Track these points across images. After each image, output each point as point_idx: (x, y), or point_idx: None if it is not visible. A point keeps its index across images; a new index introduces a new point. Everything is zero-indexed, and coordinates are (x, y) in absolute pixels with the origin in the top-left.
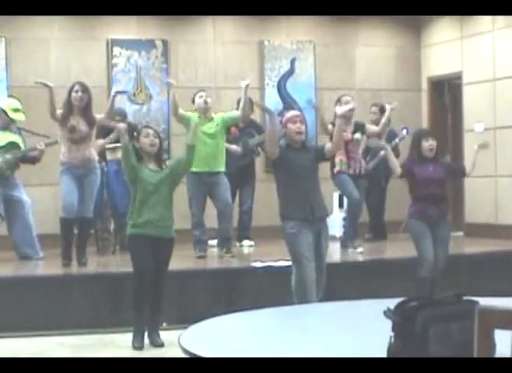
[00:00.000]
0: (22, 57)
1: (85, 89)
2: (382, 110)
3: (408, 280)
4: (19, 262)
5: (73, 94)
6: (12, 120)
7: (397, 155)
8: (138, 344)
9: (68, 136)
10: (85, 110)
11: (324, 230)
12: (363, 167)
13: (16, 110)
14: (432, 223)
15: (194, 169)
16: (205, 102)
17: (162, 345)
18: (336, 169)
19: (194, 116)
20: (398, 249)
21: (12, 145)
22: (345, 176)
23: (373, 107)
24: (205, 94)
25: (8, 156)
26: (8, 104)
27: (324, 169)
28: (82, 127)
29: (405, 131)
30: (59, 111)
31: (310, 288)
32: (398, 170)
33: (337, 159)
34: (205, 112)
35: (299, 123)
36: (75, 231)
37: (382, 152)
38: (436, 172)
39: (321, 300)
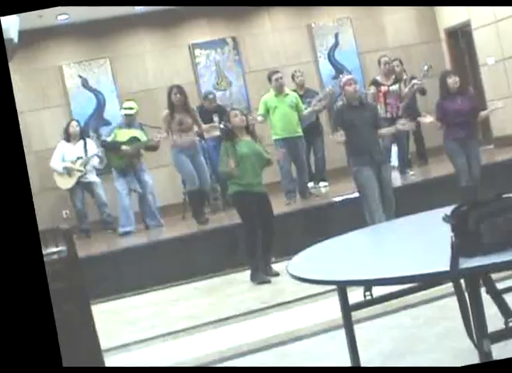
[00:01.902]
0: (125, 70)
1: (181, 91)
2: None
3: (454, 191)
4: (150, 230)
5: (172, 96)
6: (125, 116)
7: (424, 92)
8: (261, 279)
9: (177, 128)
10: (186, 106)
11: (384, 167)
12: (400, 109)
13: (125, 108)
14: (463, 143)
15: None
16: (281, 85)
17: (277, 274)
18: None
19: (269, 96)
20: (441, 168)
21: (134, 139)
22: (382, 124)
23: (395, 61)
24: (280, 75)
25: (129, 149)
26: (124, 105)
27: None
28: (187, 119)
29: (426, 67)
30: (163, 114)
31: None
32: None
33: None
34: (281, 90)
35: (353, 84)
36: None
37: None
38: (463, 104)
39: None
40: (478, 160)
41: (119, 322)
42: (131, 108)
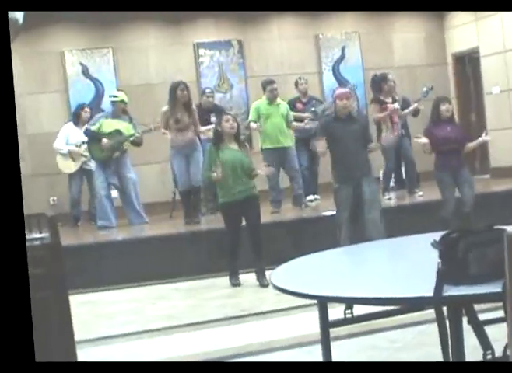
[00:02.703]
0: (127, 63)
1: (187, 88)
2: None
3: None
4: (135, 226)
5: (179, 92)
6: (112, 104)
7: (416, 114)
8: (234, 281)
9: (174, 126)
10: (187, 104)
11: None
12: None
13: (111, 96)
14: (454, 172)
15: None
16: (275, 96)
17: (267, 285)
18: (383, 134)
19: (262, 103)
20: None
21: (116, 132)
22: (388, 144)
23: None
24: (275, 86)
25: (108, 143)
26: (112, 94)
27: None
28: (184, 117)
29: (425, 89)
30: (163, 110)
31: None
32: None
33: (383, 126)
34: (274, 100)
35: (345, 100)
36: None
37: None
38: (453, 131)
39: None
40: (472, 188)
41: (96, 315)
42: (117, 97)
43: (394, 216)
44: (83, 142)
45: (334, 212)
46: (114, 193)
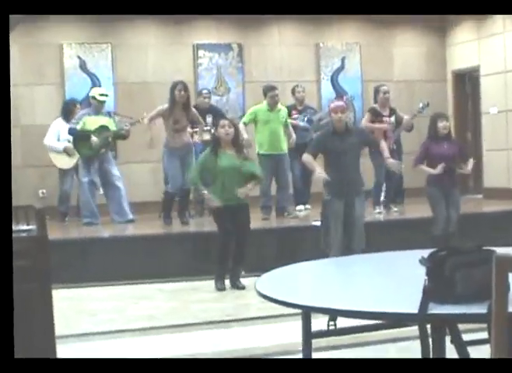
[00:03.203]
0: (125, 59)
1: (186, 88)
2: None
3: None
4: (123, 224)
5: (176, 92)
6: (100, 102)
7: (410, 129)
8: (220, 286)
9: (171, 126)
10: (186, 105)
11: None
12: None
13: (102, 95)
14: (445, 189)
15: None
16: (275, 102)
17: (243, 288)
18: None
19: (261, 109)
20: (419, 210)
21: (103, 128)
22: (378, 155)
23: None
24: (276, 92)
25: (99, 138)
26: (96, 91)
27: None
28: (183, 118)
29: (421, 104)
30: (154, 113)
31: None
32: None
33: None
34: (274, 106)
35: (340, 113)
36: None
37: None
38: (449, 149)
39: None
40: (458, 208)
41: (78, 311)
42: (107, 95)
43: (383, 230)
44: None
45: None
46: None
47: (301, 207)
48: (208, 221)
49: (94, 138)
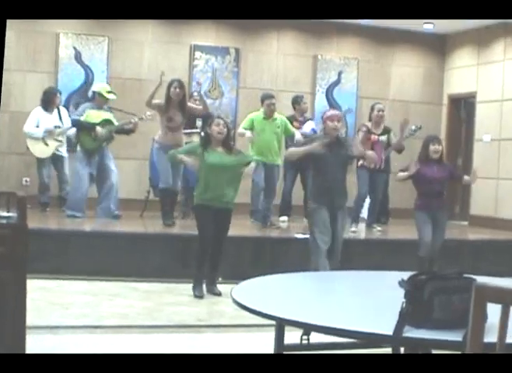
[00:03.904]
0: (121, 54)
1: (181, 86)
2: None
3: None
4: (106, 220)
5: (172, 89)
6: (107, 100)
7: (401, 150)
8: (198, 293)
9: (165, 124)
10: (181, 103)
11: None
12: (383, 162)
13: (109, 92)
14: (433, 213)
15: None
16: (272, 111)
17: (219, 294)
18: (360, 162)
19: (257, 117)
20: (402, 231)
21: (106, 122)
22: (364, 172)
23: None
24: (274, 101)
25: (103, 131)
26: (102, 87)
27: None
28: (177, 117)
29: (413, 127)
30: (156, 101)
31: None
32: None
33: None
34: (271, 115)
35: (336, 121)
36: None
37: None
38: (439, 172)
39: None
40: (443, 233)
41: (51, 303)
42: (115, 93)
43: (365, 249)
44: (55, 127)
45: (307, 235)
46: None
47: (285, 218)
48: (191, 224)
49: (99, 129)
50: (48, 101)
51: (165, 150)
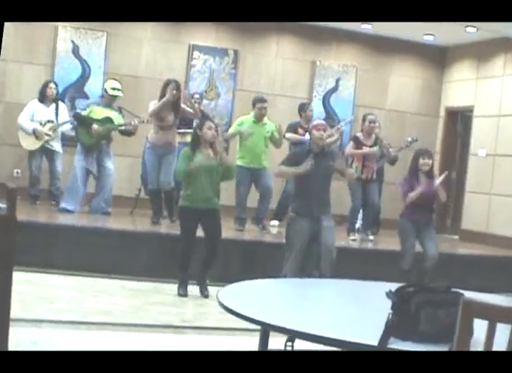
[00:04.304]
0: (119, 50)
1: (178, 87)
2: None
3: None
4: (96, 216)
5: (168, 90)
6: (112, 97)
7: (394, 162)
8: (182, 292)
9: (157, 123)
10: (175, 104)
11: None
12: (375, 172)
13: (114, 89)
14: (419, 225)
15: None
16: (262, 115)
17: (207, 296)
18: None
19: (247, 120)
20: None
21: (107, 120)
22: (358, 183)
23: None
24: (265, 105)
25: (100, 129)
26: (108, 84)
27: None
28: (170, 117)
29: (410, 139)
30: (153, 103)
31: None
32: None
33: (353, 165)
34: (261, 119)
35: (322, 131)
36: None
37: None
38: (429, 186)
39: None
40: (435, 245)
41: (36, 297)
42: (119, 90)
43: (354, 258)
44: (48, 121)
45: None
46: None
47: (275, 222)
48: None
49: (95, 126)
50: (42, 93)
51: (155, 150)
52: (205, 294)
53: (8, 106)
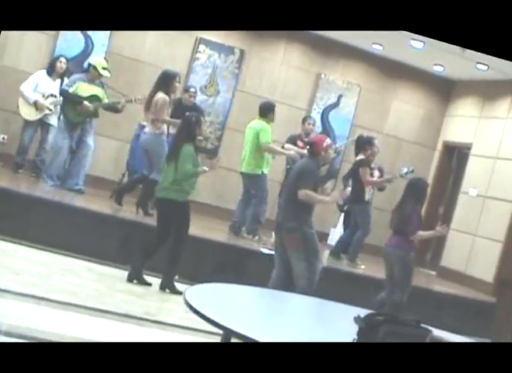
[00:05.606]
0: (124, 33)
1: (179, 82)
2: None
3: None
4: (75, 194)
5: (176, 84)
6: (100, 76)
7: (382, 189)
8: (129, 279)
9: (149, 115)
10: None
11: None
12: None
13: (104, 68)
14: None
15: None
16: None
17: (180, 293)
18: (367, 197)
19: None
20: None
21: (94, 97)
22: (371, 207)
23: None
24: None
25: (90, 106)
26: (99, 62)
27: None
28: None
29: (405, 170)
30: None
31: None
32: None
33: (367, 188)
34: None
35: (329, 149)
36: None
37: None
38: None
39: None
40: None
41: (3, 266)
42: (108, 70)
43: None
44: (50, 95)
45: (272, 252)
46: None
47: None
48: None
49: (86, 104)
50: (52, 65)
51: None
52: (172, 290)
53: (4, 70)
